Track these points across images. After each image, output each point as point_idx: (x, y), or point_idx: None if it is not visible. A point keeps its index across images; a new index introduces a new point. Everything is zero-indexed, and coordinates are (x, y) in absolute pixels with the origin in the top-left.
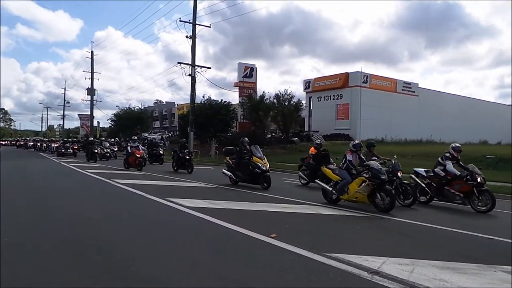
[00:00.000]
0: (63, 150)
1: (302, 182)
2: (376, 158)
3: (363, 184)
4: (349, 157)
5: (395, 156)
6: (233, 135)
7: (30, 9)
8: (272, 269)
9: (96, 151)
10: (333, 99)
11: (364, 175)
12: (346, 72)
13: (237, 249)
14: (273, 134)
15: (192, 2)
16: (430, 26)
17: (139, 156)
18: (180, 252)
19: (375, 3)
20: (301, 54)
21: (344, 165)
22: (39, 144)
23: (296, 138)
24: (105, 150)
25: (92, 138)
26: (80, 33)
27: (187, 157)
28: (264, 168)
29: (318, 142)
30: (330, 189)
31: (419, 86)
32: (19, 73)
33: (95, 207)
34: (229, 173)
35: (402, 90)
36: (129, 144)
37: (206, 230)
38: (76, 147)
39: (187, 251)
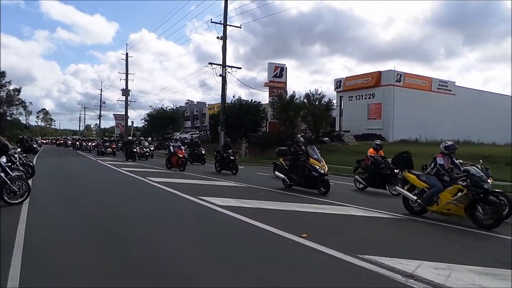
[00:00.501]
0: (102, 149)
1: (359, 186)
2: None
3: (460, 193)
4: (440, 160)
5: (480, 160)
6: (263, 135)
7: (70, 14)
8: (303, 269)
9: (135, 150)
10: (365, 98)
11: (460, 182)
12: (379, 71)
13: (267, 248)
14: (303, 134)
15: (223, 3)
16: (468, 22)
17: (181, 156)
18: (211, 250)
19: (410, 0)
20: (332, 53)
21: (434, 170)
22: (78, 143)
23: (327, 138)
24: (144, 149)
25: (131, 138)
26: (115, 35)
27: (231, 157)
28: (322, 172)
29: (378, 143)
30: (415, 198)
31: (456, 84)
32: (59, 75)
33: (128, 204)
34: (282, 176)
35: (438, 88)
36: (171, 143)
37: (237, 229)
38: (114, 146)
39: (217, 249)
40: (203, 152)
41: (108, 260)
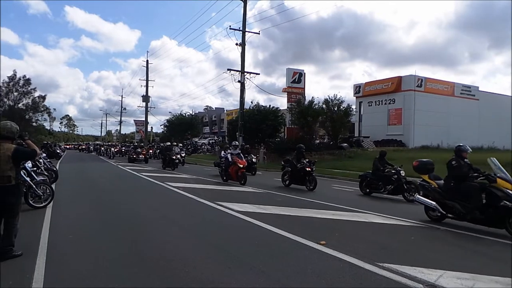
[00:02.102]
0: (133, 156)
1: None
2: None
3: None
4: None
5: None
6: (281, 141)
7: (94, 22)
8: (322, 277)
9: (174, 157)
10: (385, 103)
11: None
12: (399, 76)
13: (286, 255)
14: (322, 140)
15: (242, 9)
16: (494, 25)
17: (242, 166)
18: (230, 255)
19: (433, 3)
20: (352, 58)
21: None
22: (102, 148)
23: (346, 144)
24: (175, 156)
25: (169, 143)
26: (138, 43)
27: (307, 169)
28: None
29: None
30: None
31: (480, 89)
32: (82, 82)
33: (152, 210)
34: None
35: (461, 93)
36: (228, 151)
37: (256, 235)
38: (145, 152)
39: (236, 254)
40: (254, 160)
41: (130, 263)
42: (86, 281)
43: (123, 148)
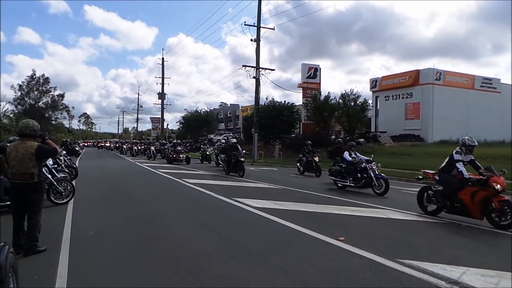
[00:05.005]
0: (173, 155)
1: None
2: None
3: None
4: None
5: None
6: (297, 136)
7: (113, 21)
8: (341, 273)
9: (242, 159)
10: (402, 98)
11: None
12: (417, 69)
13: (305, 251)
14: (338, 135)
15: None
16: None
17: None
18: (248, 251)
19: None
20: (370, 52)
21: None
22: (124, 146)
23: (362, 139)
24: (243, 158)
25: (234, 140)
26: (155, 40)
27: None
28: None
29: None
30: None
31: (501, 81)
32: (100, 81)
33: (171, 208)
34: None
35: (481, 86)
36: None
37: (274, 231)
38: (182, 150)
39: (254, 251)
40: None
41: (149, 259)
42: (108, 276)
43: (154, 146)
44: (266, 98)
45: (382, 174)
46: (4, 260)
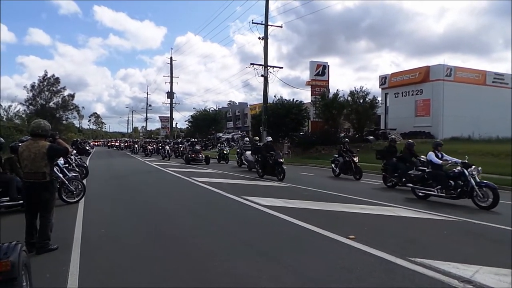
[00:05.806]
0: (191, 155)
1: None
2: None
3: None
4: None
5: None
6: (306, 134)
7: (122, 21)
8: (353, 272)
9: (281, 161)
10: (412, 94)
11: None
12: (427, 66)
13: (315, 249)
14: (347, 133)
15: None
16: None
17: None
18: (258, 249)
19: None
20: (379, 49)
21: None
22: (136, 146)
23: (371, 137)
24: (282, 159)
25: (270, 139)
26: (164, 40)
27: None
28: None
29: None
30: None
31: None
32: (109, 80)
33: (181, 206)
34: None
35: (493, 82)
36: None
37: (283, 229)
38: (199, 147)
39: (265, 249)
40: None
41: (160, 257)
42: (119, 274)
43: (169, 145)
44: (275, 96)
45: (487, 182)
46: (17, 258)
